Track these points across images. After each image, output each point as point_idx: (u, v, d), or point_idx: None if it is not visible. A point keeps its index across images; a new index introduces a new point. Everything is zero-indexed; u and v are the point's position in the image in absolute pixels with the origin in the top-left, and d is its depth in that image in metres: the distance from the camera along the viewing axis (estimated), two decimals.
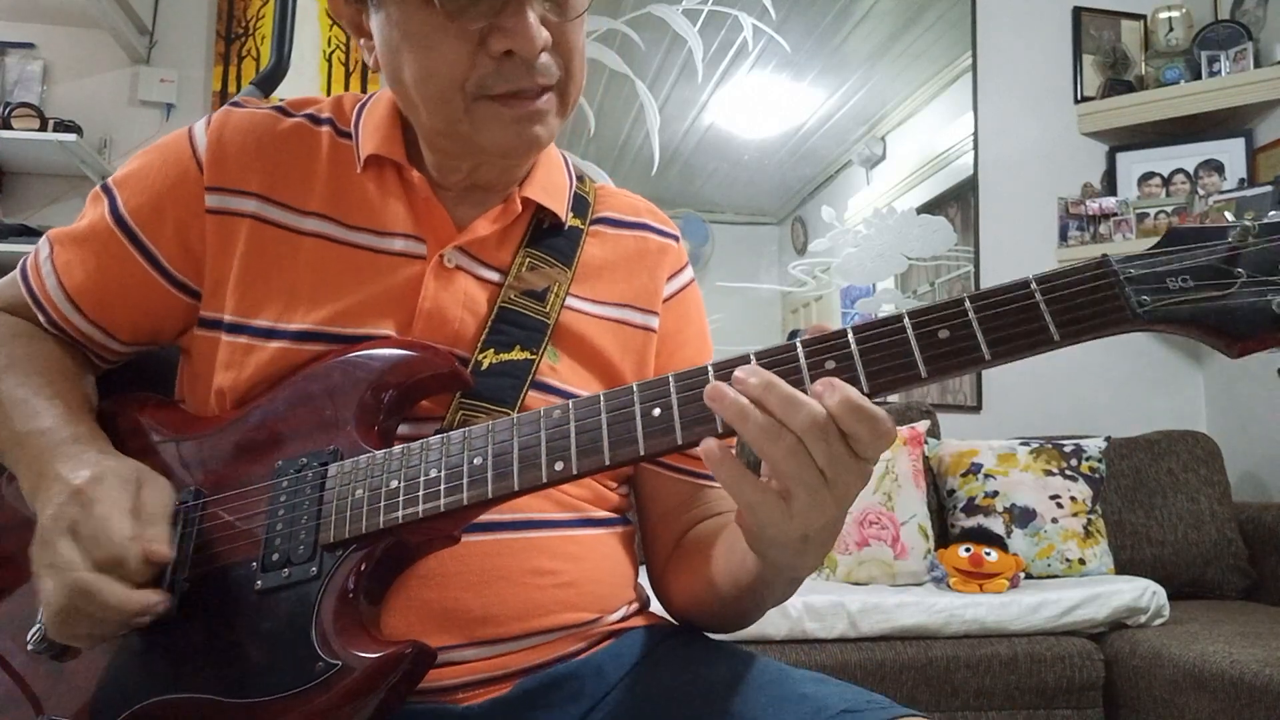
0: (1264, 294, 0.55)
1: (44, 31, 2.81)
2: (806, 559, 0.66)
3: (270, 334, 0.77)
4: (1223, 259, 0.56)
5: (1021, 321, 0.57)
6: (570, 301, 0.84)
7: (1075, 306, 0.57)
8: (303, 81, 2.87)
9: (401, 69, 0.74)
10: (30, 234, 2.47)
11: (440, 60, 0.72)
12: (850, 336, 0.60)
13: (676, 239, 0.95)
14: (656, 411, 0.62)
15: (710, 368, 0.62)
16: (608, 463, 0.63)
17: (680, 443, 0.61)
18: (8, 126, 2.53)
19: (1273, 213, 0.85)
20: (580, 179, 0.93)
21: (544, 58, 0.73)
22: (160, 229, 0.80)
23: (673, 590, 0.87)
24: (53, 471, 0.70)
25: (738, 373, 0.59)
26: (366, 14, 0.76)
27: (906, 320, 0.59)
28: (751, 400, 0.57)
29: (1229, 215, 0.59)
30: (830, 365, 0.59)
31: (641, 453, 0.62)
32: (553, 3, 0.73)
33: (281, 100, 0.86)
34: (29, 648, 0.70)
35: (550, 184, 0.87)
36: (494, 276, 0.82)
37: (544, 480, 0.64)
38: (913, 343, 0.58)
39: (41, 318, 0.84)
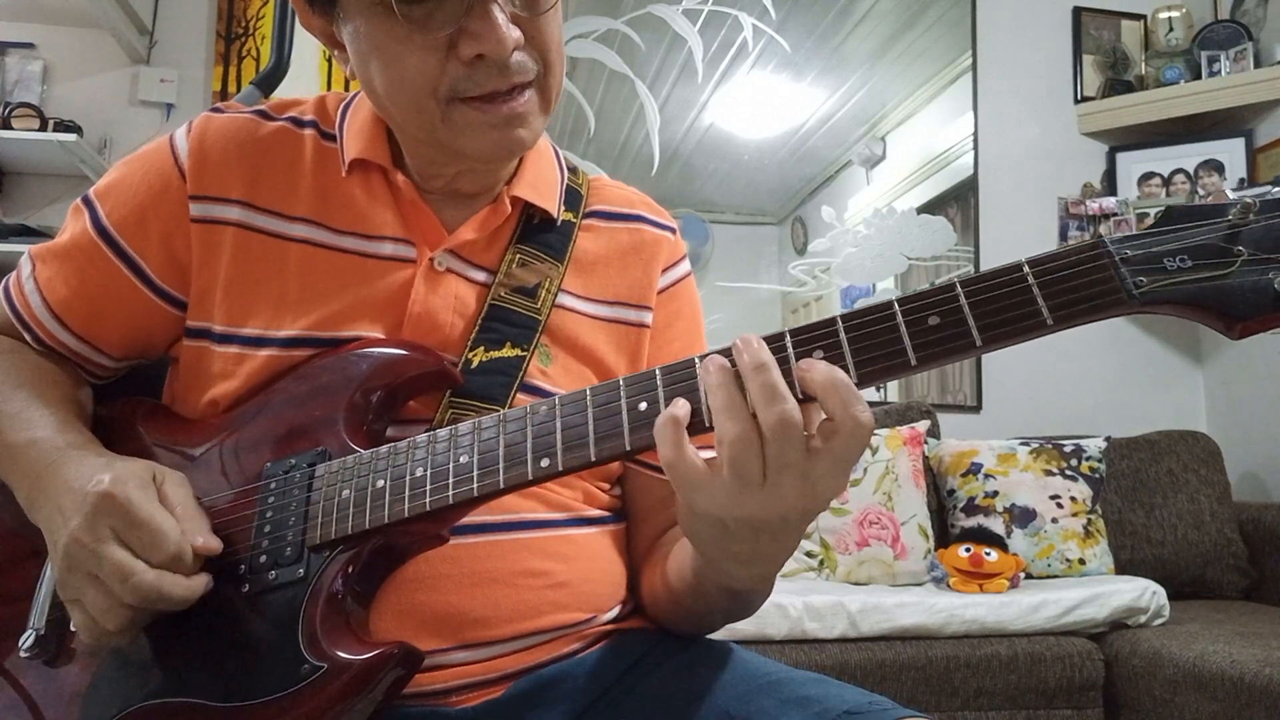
0: (1265, 272, 0.53)
1: (44, 31, 2.81)
2: (735, 567, 0.65)
3: (260, 342, 0.76)
4: (1222, 237, 0.54)
5: (1014, 305, 0.55)
6: (563, 298, 0.83)
7: (1069, 289, 0.55)
8: (303, 81, 2.86)
9: (373, 79, 0.73)
10: (30, 234, 2.47)
11: (410, 70, 0.70)
12: (839, 325, 0.58)
13: (673, 231, 0.93)
14: (643, 406, 0.61)
15: (697, 360, 0.61)
16: (594, 458, 0.62)
17: None
18: (8, 126, 2.53)
19: (1274, 189, 0.83)
20: (573, 171, 0.91)
21: (518, 56, 0.71)
22: (145, 240, 0.79)
23: (642, 588, 0.86)
24: (57, 481, 0.69)
25: (738, 340, 0.58)
26: (337, 26, 0.75)
27: (896, 307, 0.57)
28: (740, 373, 0.57)
29: (1229, 193, 0.57)
30: (818, 355, 0.58)
31: (627, 447, 0.61)
32: None
33: (264, 103, 0.85)
34: (21, 653, 0.70)
35: (540, 180, 0.85)
36: (484, 276, 0.81)
37: (530, 477, 0.63)
38: (902, 330, 0.57)
39: (29, 337, 0.82)
